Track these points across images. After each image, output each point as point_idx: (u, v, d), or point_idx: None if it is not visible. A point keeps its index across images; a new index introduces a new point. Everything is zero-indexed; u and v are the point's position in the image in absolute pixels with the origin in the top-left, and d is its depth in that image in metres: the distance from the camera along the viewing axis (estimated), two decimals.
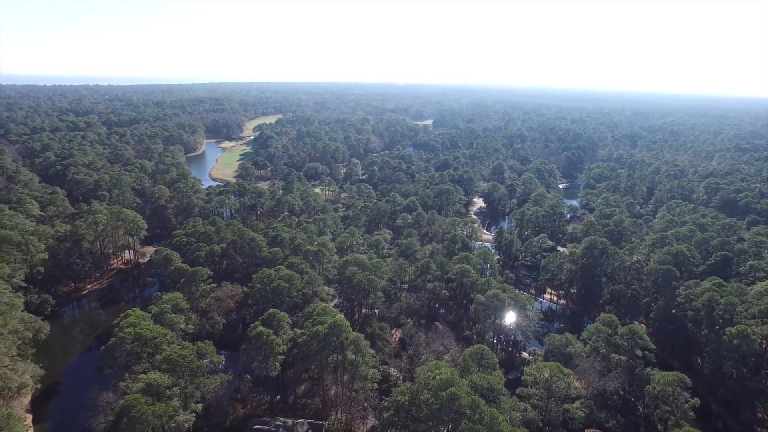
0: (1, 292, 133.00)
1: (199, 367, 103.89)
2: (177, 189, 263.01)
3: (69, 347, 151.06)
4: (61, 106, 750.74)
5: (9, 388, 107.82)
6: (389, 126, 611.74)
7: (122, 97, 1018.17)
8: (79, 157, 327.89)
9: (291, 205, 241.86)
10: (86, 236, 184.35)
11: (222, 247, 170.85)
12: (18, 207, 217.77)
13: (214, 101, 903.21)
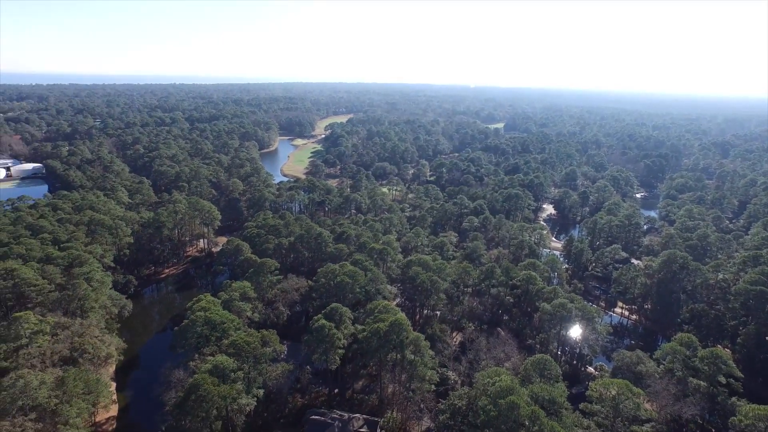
0: (95, 270, 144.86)
1: (263, 355, 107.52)
2: (250, 183, 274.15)
3: (147, 325, 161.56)
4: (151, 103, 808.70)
5: (98, 357, 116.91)
6: (459, 128, 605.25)
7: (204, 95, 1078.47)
8: (163, 150, 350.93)
9: (358, 203, 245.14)
10: (167, 224, 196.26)
11: (290, 241, 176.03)
12: (111, 194, 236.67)
13: (289, 100, 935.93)
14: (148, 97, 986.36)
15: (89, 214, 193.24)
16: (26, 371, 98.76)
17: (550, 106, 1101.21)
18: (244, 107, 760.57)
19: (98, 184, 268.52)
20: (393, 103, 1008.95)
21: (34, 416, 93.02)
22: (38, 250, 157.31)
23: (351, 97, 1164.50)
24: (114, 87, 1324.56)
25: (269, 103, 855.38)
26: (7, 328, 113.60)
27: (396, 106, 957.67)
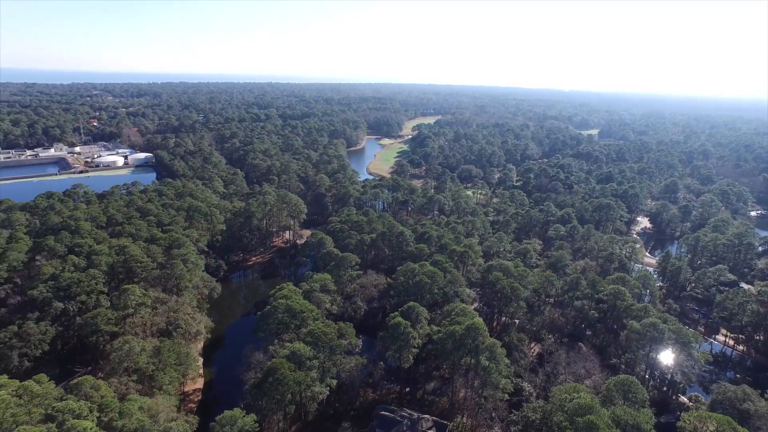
0: (191, 253, 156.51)
1: (338, 346, 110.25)
2: (336, 179, 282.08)
3: (233, 308, 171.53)
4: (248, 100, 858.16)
5: (189, 332, 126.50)
6: (550, 133, 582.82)
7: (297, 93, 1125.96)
8: (257, 145, 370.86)
9: (441, 205, 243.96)
10: (256, 214, 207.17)
11: (372, 238, 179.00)
12: (208, 183, 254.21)
13: (378, 100, 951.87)
14: (246, 94, 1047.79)
15: (189, 201, 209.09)
16: (131, 338, 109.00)
17: (650, 112, 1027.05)
18: (335, 106, 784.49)
19: (198, 173, 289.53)
20: (482, 106, 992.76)
21: (135, 378, 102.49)
22: (145, 230, 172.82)
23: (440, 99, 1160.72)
24: (216, 85, 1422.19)
25: (359, 103, 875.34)
26: (118, 297, 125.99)
27: (485, 109, 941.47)
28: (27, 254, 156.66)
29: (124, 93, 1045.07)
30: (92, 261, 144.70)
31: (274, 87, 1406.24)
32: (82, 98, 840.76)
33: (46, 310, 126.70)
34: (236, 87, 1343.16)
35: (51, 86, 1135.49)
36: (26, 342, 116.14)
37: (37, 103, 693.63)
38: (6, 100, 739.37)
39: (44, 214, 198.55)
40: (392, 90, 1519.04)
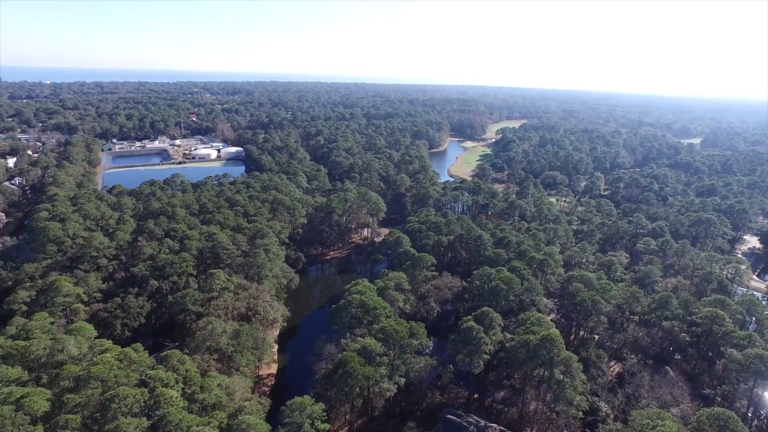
0: (273, 243, 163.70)
1: (409, 345, 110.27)
2: (417, 180, 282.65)
3: (309, 300, 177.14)
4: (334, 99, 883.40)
5: (267, 319, 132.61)
6: (644, 141, 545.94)
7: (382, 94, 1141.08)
8: (341, 143, 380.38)
9: (522, 210, 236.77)
10: (337, 210, 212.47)
11: (449, 239, 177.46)
12: (293, 178, 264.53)
13: (462, 102, 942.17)
14: (333, 94, 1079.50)
15: (273, 194, 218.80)
16: (214, 319, 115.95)
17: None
18: (418, 107, 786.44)
19: (284, 168, 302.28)
20: (571, 111, 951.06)
21: (215, 357, 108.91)
22: (232, 219, 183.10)
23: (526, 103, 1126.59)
24: (305, 84, 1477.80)
25: (443, 105, 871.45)
26: (205, 280, 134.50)
27: (574, 114, 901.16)
28: (131, 235, 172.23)
29: (220, 91, 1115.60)
30: (184, 245, 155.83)
31: (359, 87, 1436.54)
32: (184, 95, 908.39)
33: (144, 286, 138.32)
34: (323, 87, 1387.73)
35: (160, 84, 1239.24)
36: (127, 313, 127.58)
37: (147, 99, 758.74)
38: (123, 97, 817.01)
39: (147, 199, 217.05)
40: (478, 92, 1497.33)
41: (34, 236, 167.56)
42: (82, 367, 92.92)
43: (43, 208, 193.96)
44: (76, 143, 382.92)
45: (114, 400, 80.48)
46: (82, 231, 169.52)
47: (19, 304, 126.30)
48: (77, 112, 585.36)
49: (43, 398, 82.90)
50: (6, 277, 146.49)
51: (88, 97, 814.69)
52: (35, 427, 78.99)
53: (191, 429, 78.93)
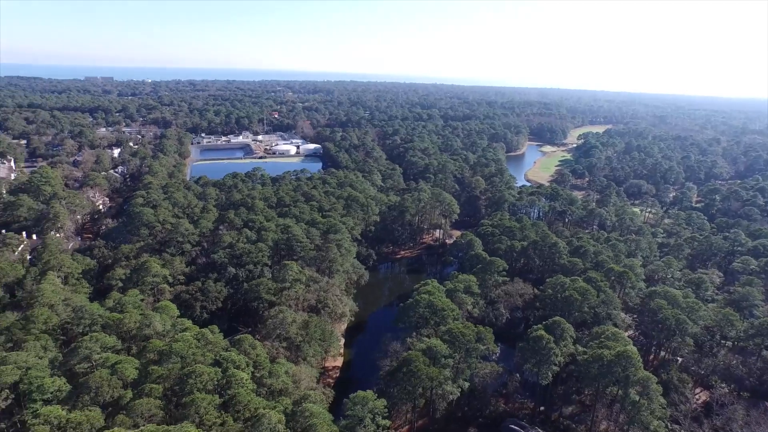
0: (345, 239, 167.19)
1: (475, 349, 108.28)
2: (492, 183, 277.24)
3: (378, 297, 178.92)
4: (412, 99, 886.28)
5: (335, 312, 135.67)
6: (748, 150, 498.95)
7: (460, 95, 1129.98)
8: (417, 143, 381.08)
9: (603, 219, 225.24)
10: (410, 209, 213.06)
11: (522, 245, 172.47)
12: (368, 176, 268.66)
13: (543, 105, 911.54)
14: (411, 94, 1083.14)
15: (348, 190, 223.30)
16: (285, 308, 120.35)
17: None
18: (497, 109, 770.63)
19: (359, 166, 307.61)
20: (662, 117, 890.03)
21: (284, 345, 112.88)
22: (307, 214, 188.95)
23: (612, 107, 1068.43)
24: (384, 84, 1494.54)
25: (522, 107, 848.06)
26: (279, 271, 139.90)
27: (665, 120, 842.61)
28: (213, 223, 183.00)
29: (302, 90, 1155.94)
30: (261, 236, 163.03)
31: (437, 88, 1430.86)
32: (268, 93, 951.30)
33: (223, 273, 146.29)
34: (401, 87, 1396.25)
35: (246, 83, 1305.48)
36: (206, 297, 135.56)
37: (234, 97, 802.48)
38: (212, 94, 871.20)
39: (229, 191, 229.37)
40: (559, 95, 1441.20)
41: (130, 220, 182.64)
42: (165, 342, 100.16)
43: (138, 195, 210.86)
44: (170, 136, 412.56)
45: (191, 375, 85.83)
46: (170, 217, 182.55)
47: (116, 281, 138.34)
48: (172, 108, 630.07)
49: (133, 366, 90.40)
50: (107, 256, 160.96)
51: (182, 94, 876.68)
52: (125, 391, 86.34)
53: (258, 410, 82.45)
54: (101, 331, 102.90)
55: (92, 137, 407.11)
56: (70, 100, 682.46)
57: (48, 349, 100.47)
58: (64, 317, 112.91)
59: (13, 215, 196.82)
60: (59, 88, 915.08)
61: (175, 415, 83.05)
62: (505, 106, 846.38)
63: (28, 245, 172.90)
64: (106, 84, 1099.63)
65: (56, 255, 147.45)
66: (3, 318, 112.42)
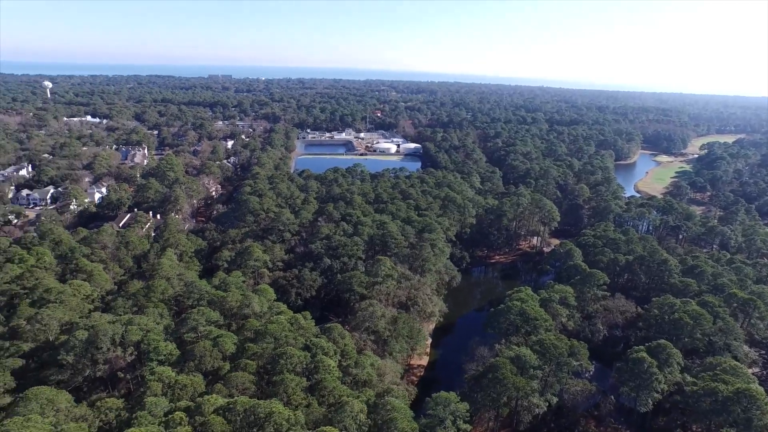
0: (439, 239, 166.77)
1: (567, 364, 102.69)
2: (597, 191, 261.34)
3: (468, 300, 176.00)
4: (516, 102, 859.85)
5: (424, 311, 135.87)
6: None
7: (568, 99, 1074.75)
8: (519, 147, 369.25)
9: (725, 238, 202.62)
10: (507, 214, 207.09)
11: (627, 259, 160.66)
12: (466, 177, 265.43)
13: (661, 111, 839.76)
14: (516, 97, 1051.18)
15: (446, 191, 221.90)
16: (375, 302, 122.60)
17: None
18: (608, 115, 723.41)
19: (458, 167, 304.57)
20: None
21: (372, 338, 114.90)
22: (404, 211, 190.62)
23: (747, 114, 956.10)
24: (488, 86, 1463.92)
25: (636, 113, 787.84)
26: (372, 266, 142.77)
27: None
28: (313, 215, 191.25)
29: (405, 89, 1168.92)
30: (357, 230, 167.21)
31: (544, 91, 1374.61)
32: (372, 92, 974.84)
33: (318, 263, 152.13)
34: (506, 89, 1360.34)
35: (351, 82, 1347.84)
36: (301, 284, 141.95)
37: (339, 95, 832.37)
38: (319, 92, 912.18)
39: (330, 184, 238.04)
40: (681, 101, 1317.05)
41: (238, 207, 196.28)
42: (262, 323, 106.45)
43: (247, 184, 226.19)
44: (278, 131, 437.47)
45: (283, 356, 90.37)
46: (274, 207, 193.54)
47: (223, 262, 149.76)
48: (282, 104, 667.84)
49: (232, 341, 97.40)
50: (216, 238, 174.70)
51: (292, 91, 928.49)
52: (224, 363, 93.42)
53: (342, 398, 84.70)
54: (207, 306, 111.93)
55: (210, 129, 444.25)
56: (194, 96, 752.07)
57: (163, 316, 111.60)
58: (177, 290, 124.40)
59: (143, 196, 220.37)
60: (186, 85, 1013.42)
61: (265, 391, 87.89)
62: (617, 111, 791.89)
63: (153, 223, 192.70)
64: (226, 81, 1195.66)
65: (175, 234, 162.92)
66: (131, 285, 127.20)
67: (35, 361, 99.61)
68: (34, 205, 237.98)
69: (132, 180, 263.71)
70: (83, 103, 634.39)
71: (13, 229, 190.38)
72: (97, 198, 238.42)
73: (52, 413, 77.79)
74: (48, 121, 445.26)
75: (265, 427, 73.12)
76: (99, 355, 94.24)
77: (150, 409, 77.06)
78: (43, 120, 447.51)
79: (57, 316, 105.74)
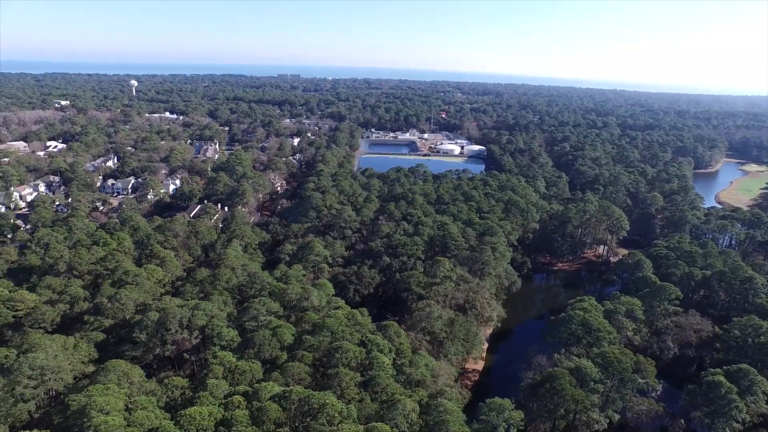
0: (501, 243, 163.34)
1: (631, 380, 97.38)
2: (672, 201, 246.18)
3: (528, 307, 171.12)
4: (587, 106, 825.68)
5: (482, 315, 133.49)
6: None
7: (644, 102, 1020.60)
8: (588, 152, 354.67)
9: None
10: (573, 220, 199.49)
11: (704, 274, 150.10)
12: (531, 182, 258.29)
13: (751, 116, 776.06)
14: (586, 100, 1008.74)
15: (509, 194, 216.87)
16: (433, 303, 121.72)
17: None
18: (688, 120, 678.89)
19: (523, 171, 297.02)
20: None
21: (428, 339, 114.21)
22: (465, 213, 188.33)
23: None
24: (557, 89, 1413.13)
25: (722, 118, 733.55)
26: (431, 266, 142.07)
27: None
28: (374, 213, 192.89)
29: (471, 91, 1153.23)
30: (418, 230, 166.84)
31: (617, 94, 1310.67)
32: (437, 93, 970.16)
33: (377, 261, 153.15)
34: (576, 92, 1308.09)
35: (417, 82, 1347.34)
36: (360, 281, 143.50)
37: (404, 95, 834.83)
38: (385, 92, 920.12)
39: (392, 184, 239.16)
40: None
41: (302, 202, 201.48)
42: (319, 316, 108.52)
43: (311, 180, 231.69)
44: (343, 130, 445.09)
45: (338, 350, 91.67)
46: (336, 203, 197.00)
47: (285, 255, 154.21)
48: (347, 103, 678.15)
49: (290, 332, 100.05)
50: (279, 232, 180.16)
51: (357, 91, 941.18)
52: (282, 352, 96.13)
53: (395, 395, 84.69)
54: (268, 297, 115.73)
55: (278, 127, 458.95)
56: (264, 94, 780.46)
57: (227, 304, 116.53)
58: (241, 280, 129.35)
59: (213, 189, 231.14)
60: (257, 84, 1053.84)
61: (320, 383, 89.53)
62: (698, 117, 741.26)
63: (221, 215, 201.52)
64: (294, 81, 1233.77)
65: (241, 226, 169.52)
66: (199, 272, 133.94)
67: (114, 337, 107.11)
68: (117, 194, 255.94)
69: (203, 173, 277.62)
70: (163, 100, 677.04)
71: (99, 215, 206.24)
72: (171, 189, 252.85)
73: (126, 385, 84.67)
74: (132, 116, 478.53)
75: (318, 417, 74.38)
76: (168, 335, 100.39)
77: (211, 390, 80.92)
78: (128, 116, 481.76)
79: (133, 296, 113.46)
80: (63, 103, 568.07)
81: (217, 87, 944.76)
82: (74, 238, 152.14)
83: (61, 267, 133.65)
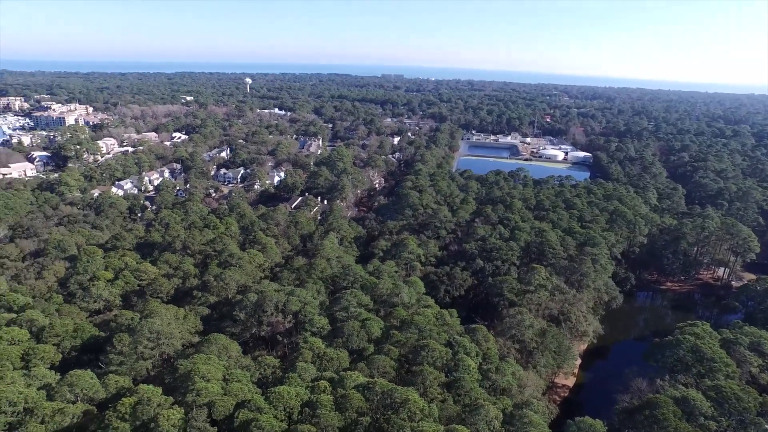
0: (602, 255, 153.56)
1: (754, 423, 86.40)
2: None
3: (628, 326, 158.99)
4: (714, 112, 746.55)
5: (577, 329, 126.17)
6: None
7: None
8: (712, 163, 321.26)
9: None
10: (687, 237, 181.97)
11: None
12: (641, 192, 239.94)
13: None
14: (713, 106, 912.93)
15: (615, 204, 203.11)
16: (525, 311, 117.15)
17: None
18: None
19: (632, 180, 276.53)
20: None
21: (517, 347, 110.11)
22: (565, 221, 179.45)
23: None
24: (678, 93, 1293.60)
25: None
26: (525, 273, 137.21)
27: None
28: (470, 215, 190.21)
29: (579, 95, 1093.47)
30: (514, 235, 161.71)
31: (753, 99, 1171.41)
32: (542, 96, 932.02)
33: (471, 263, 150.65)
34: (700, 96, 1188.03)
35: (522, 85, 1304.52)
36: (451, 282, 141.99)
37: (508, 98, 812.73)
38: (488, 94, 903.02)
39: (490, 187, 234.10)
40: None
41: (398, 200, 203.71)
42: (408, 313, 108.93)
43: (408, 179, 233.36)
44: (443, 130, 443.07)
45: (424, 348, 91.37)
46: (432, 203, 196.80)
47: (379, 250, 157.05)
48: (449, 104, 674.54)
49: (378, 326, 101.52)
50: (374, 228, 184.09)
51: (460, 92, 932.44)
52: (369, 345, 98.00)
53: (478, 400, 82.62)
54: (360, 290, 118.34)
55: (379, 125, 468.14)
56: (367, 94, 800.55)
57: (320, 293, 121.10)
58: (335, 271, 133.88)
59: (314, 182, 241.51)
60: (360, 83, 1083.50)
61: (404, 379, 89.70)
62: None
63: (320, 208, 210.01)
64: (397, 81, 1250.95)
65: (338, 219, 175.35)
66: (296, 260, 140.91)
67: (217, 313, 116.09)
68: (228, 183, 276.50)
69: (306, 167, 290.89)
70: (273, 97, 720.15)
71: (211, 201, 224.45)
72: (276, 180, 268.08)
73: (225, 357, 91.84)
74: (245, 112, 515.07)
75: (400, 412, 74.60)
76: (264, 317, 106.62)
77: (300, 373, 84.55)
78: (241, 111, 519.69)
79: (236, 278, 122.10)
80: (188, 98, 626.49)
81: (323, 86, 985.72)
82: (189, 220, 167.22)
83: (177, 245, 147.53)
